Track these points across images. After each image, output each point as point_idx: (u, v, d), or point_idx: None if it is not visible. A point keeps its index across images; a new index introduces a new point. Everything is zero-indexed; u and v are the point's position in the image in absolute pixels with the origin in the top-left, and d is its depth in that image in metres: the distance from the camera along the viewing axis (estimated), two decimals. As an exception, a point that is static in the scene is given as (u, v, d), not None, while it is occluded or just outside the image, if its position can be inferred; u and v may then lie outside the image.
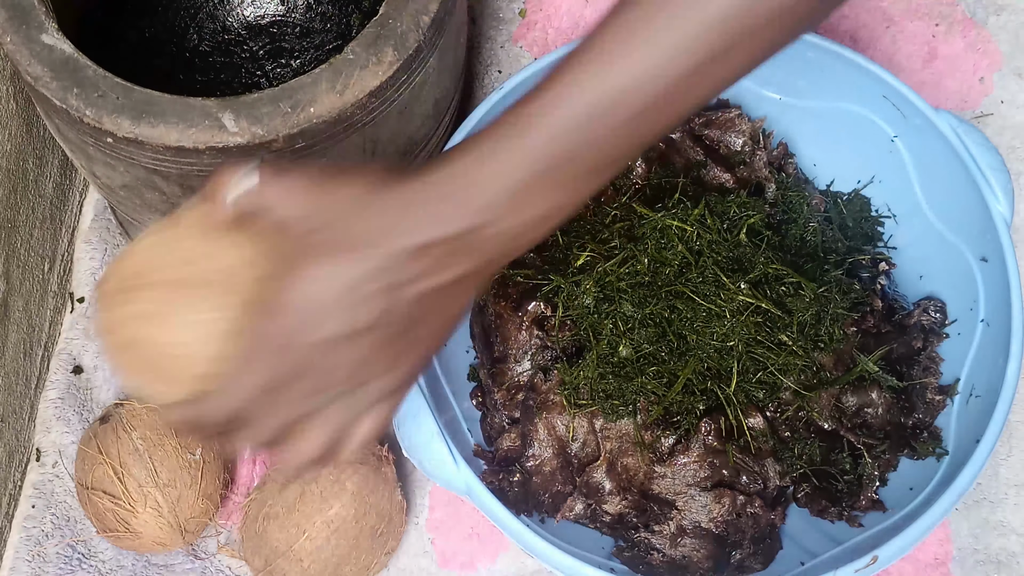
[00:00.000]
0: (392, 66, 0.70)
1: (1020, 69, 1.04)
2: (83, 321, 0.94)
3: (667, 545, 0.77)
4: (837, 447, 0.79)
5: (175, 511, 0.82)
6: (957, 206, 0.82)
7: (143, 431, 0.82)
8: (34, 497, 0.89)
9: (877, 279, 0.85)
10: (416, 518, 0.89)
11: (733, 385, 0.76)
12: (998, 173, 0.80)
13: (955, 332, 0.83)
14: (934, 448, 0.79)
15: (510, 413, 0.82)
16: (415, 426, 0.74)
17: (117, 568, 0.87)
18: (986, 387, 0.77)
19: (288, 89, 0.68)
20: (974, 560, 0.88)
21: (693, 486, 0.77)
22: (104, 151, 0.70)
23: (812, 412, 0.78)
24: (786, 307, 0.77)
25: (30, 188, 0.89)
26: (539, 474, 0.79)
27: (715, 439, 0.76)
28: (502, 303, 0.82)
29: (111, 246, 0.97)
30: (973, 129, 0.82)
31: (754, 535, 0.78)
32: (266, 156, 0.69)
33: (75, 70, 0.69)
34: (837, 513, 0.79)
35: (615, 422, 0.77)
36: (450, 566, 0.88)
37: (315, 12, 0.96)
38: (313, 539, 0.79)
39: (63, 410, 0.91)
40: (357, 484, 0.80)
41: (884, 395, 0.80)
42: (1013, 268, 0.77)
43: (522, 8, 1.08)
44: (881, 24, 1.07)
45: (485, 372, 0.84)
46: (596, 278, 0.79)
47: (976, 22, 1.06)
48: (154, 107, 0.68)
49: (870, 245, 0.89)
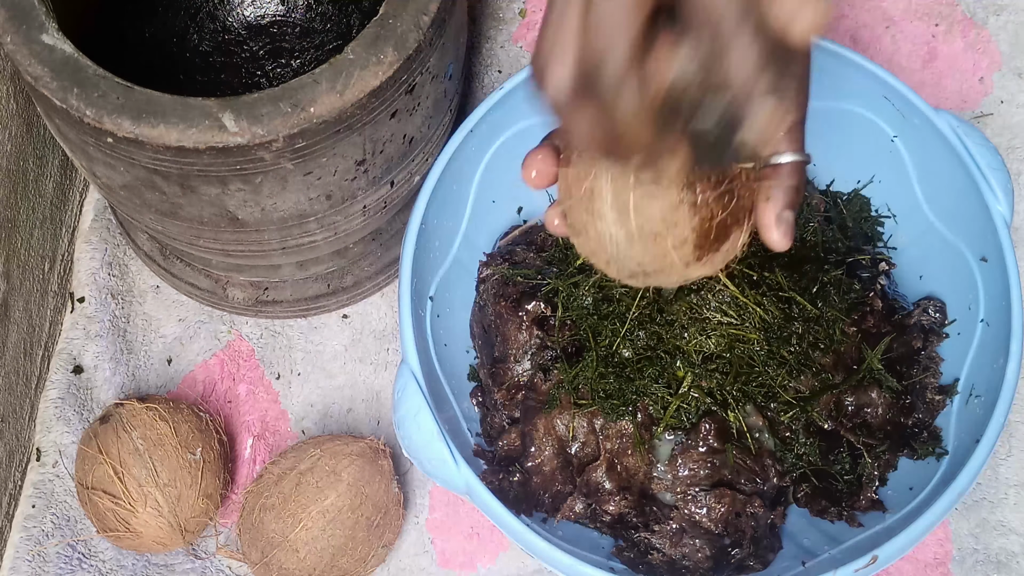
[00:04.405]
0: (392, 66, 0.70)
1: (1020, 69, 1.04)
2: (83, 321, 0.95)
3: (667, 545, 0.77)
4: (837, 447, 0.79)
5: (175, 511, 0.82)
6: (957, 206, 0.83)
7: (143, 431, 0.82)
8: (34, 497, 0.89)
9: (877, 279, 0.85)
10: (416, 517, 0.89)
11: (731, 392, 0.76)
12: (998, 173, 0.80)
13: (955, 332, 0.83)
14: (934, 448, 0.79)
15: (510, 413, 0.82)
16: (415, 426, 0.74)
17: (117, 568, 0.87)
18: (986, 387, 0.77)
19: (288, 89, 0.68)
20: (974, 560, 0.88)
21: (693, 486, 0.77)
22: (104, 151, 0.70)
23: (812, 412, 0.78)
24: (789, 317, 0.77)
25: (30, 188, 0.89)
26: (539, 474, 0.79)
27: (715, 439, 0.76)
28: (502, 303, 0.83)
29: (111, 246, 0.97)
30: (973, 129, 0.82)
31: (754, 535, 0.78)
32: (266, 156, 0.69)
33: (75, 70, 0.69)
34: (837, 513, 0.79)
35: (615, 422, 0.77)
36: (450, 566, 0.88)
37: (315, 12, 0.96)
38: (309, 529, 0.79)
39: (63, 410, 0.91)
40: (353, 475, 0.81)
41: (884, 395, 0.80)
42: (1013, 268, 0.77)
43: (522, 8, 1.08)
44: (881, 24, 1.07)
45: (485, 372, 0.84)
46: (595, 279, 0.79)
47: (976, 22, 1.06)
48: (154, 107, 0.68)
49: (870, 245, 0.89)
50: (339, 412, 0.93)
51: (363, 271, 0.94)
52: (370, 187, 0.77)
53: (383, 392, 0.94)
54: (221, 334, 0.96)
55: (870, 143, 0.87)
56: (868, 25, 1.07)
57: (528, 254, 0.86)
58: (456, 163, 0.82)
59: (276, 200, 0.73)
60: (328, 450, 0.82)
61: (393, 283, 0.97)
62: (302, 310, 0.95)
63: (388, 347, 0.95)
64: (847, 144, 0.89)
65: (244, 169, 0.70)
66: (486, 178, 0.86)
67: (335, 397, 0.94)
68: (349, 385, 0.94)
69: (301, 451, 0.83)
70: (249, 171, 0.70)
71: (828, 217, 0.89)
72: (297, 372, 0.95)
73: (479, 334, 0.86)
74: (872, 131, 0.87)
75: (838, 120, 0.88)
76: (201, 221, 0.75)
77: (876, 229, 0.90)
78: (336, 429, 0.93)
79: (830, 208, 0.90)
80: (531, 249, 0.86)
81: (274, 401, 0.94)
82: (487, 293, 0.85)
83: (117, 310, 0.96)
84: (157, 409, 0.83)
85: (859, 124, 0.87)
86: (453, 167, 0.82)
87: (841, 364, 0.80)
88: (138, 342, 0.95)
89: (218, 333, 0.96)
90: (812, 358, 0.78)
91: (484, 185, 0.86)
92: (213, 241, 0.78)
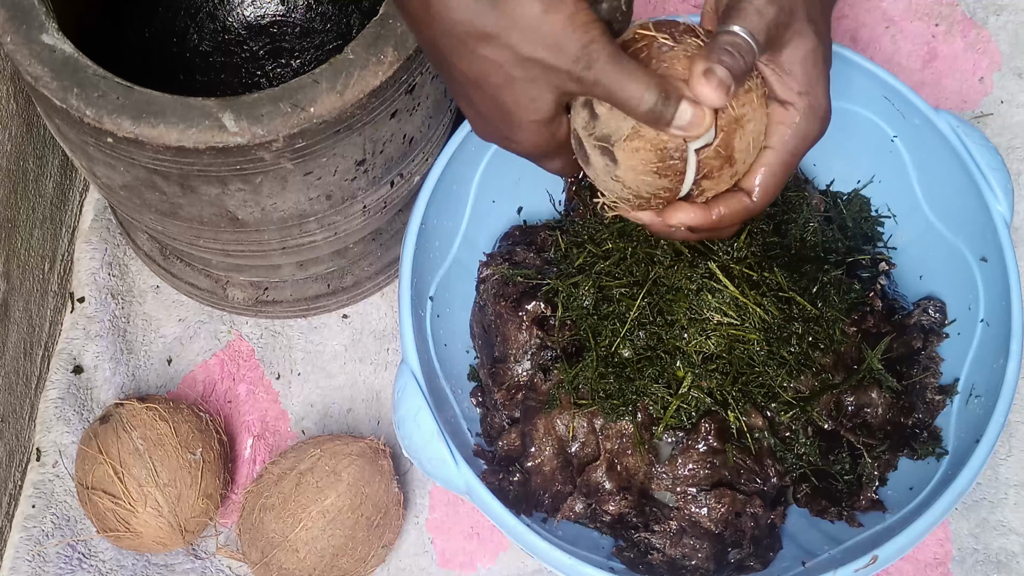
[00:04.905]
0: (392, 66, 0.70)
1: (1020, 69, 1.04)
2: (83, 320, 0.95)
3: (667, 545, 0.77)
4: (837, 447, 0.79)
5: (175, 511, 0.82)
6: (957, 206, 0.83)
7: (143, 431, 0.82)
8: (34, 497, 0.89)
9: (877, 279, 0.85)
10: (416, 517, 0.89)
11: (731, 392, 0.76)
12: (998, 173, 0.80)
13: (955, 332, 0.83)
14: (934, 448, 0.79)
15: (510, 413, 0.82)
16: (415, 426, 0.74)
17: (117, 568, 0.87)
18: (986, 387, 0.77)
19: (288, 89, 0.68)
20: (974, 560, 0.88)
21: (693, 486, 0.77)
22: (104, 151, 0.70)
23: (812, 412, 0.78)
24: (789, 317, 0.77)
25: (30, 188, 0.89)
26: (539, 474, 0.79)
27: (715, 439, 0.76)
28: (502, 303, 0.83)
29: (111, 246, 0.97)
30: (973, 129, 0.82)
31: (754, 535, 0.78)
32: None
33: (75, 70, 0.69)
34: (837, 513, 0.79)
35: (615, 422, 0.77)
36: (450, 566, 0.88)
37: (315, 12, 0.96)
38: (309, 529, 0.79)
39: (63, 410, 0.91)
40: (353, 475, 0.81)
41: (884, 395, 0.80)
42: (1013, 268, 0.77)
43: (522, 8, 1.08)
44: (881, 24, 1.07)
45: (485, 372, 0.84)
46: (594, 279, 0.79)
47: (976, 22, 1.06)
48: (154, 107, 0.68)
49: (870, 245, 0.89)
50: (339, 412, 0.93)
51: (363, 271, 0.94)
52: (370, 187, 0.77)
53: (383, 392, 0.94)
54: (221, 334, 0.96)
55: (870, 143, 0.87)
56: (868, 25, 1.07)
57: (528, 254, 0.86)
58: (456, 163, 0.82)
59: (276, 200, 0.73)
60: (328, 450, 0.82)
61: (393, 283, 0.97)
62: (302, 310, 0.95)
63: (388, 347, 0.95)
64: (847, 144, 0.89)
65: (244, 169, 0.70)
66: (486, 178, 0.86)
67: (335, 397, 0.94)
68: (349, 385, 0.94)
69: (301, 451, 0.83)
70: (249, 171, 0.70)
71: (828, 217, 0.89)
72: (297, 372, 0.95)
73: (479, 334, 0.86)
74: (872, 131, 0.87)
75: (838, 120, 0.88)
76: (201, 221, 0.75)
77: (876, 229, 0.90)
78: (336, 429, 0.93)
79: (830, 208, 0.90)
80: (531, 249, 0.86)
81: (274, 401, 0.94)
82: (487, 293, 0.85)
83: (117, 310, 0.96)
84: (157, 409, 0.83)
85: (859, 124, 0.87)
86: (453, 167, 0.82)
87: (841, 364, 0.80)
88: (138, 342, 0.95)
89: (218, 333, 0.96)
90: (812, 358, 0.78)
91: (484, 185, 0.86)
92: (213, 241, 0.78)
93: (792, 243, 0.83)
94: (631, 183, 0.59)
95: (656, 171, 0.58)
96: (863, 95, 0.85)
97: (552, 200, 0.92)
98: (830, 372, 0.79)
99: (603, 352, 0.78)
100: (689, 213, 0.61)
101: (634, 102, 0.55)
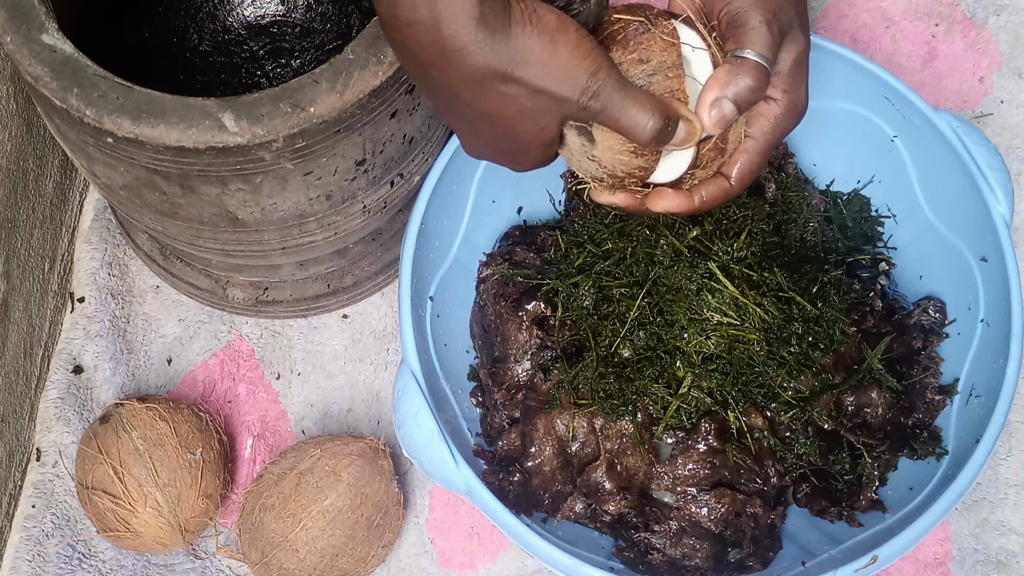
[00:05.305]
0: (392, 66, 0.70)
1: (1020, 69, 1.04)
2: (83, 321, 0.95)
3: (667, 545, 0.77)
4: (837, 447, 0.79)
5: (175, 511, 0.82)
6: (957, 206, 0.83)
7: (143, 431, 0.82)
8: (34, 497, 0.89)
9: (877, 279, 0.85)
10: (416, 517, 0.89)
11: (731, 392, 0.76)
12: (998, 173, 0.80)
13: (955, 332, 0.83)
14: (934, 448, 0.79)
15: (510, 413, 0.82)
16: (415, 426, 0.74)
17: (117, 568, 0.87)
18: (986, 387, 0.77)
19: (288, 89, 0.68)
20: (974, 560, 0.88)
21: (693, 486, 0.77)
22: (104, 151, 0.70)
23: (812, 412, 0.78)
24: (789, 317, 0.77)
25: (30, 188, 0.89)
26: (539, 474, 0.79)
27: (715, 439, 0.76)
28: (502, 303, 0.83)
29: (111, 246, 0.97)
30: (973, 129, 0.82)
31: (754, 535, 0.78)
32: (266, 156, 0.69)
33: (75, 70, 0.69)
34: (837, 513, 0.79)
35: (615, 422, 0.77)
36: (450, 566, 0.88)
37: (315, 12, 0.96)
38: (309, 529, 0.79)
39: (63, 410, 0.91)
40: (353, 475, 0.81)
41: (884, 395, 0.80)
42: (1013, 268, 0.77)
43: (522, 8, 1.08)
44: (881, 24, 1.07)
45: (485, 372, 0.84)
46: (594, 279, 0.79)
47: (976, 22, 1.06)
48: (154, 107, 0.68)
49: (870, 245, 0.89)
50: (339, 412, 0.93)
51: (363, 271, 0.94)
52: (370, 187, 0.77)
53: (383, 392, 0.94)
54: (221, 334, 0.96)
55: (870, 143, 0.87)
56: (868, 25, 1.07)
57: (528, 254, 0.86)
58: (456, 163, 0.82)
59: (276, 200, 0.73)
60: (328, 450, 0.82)
61: (393, 283, 0.97)
62: (302, 310, 0.95)
63: (388, 347, 0.95)
64: (847, 144, 0.89)
65: (244, 169, 0.70)
66: (486, 178, 0.86)
67: (335, 397, 0.94)
68: (349, 385, 0.94)
69: (301, 451, 0.83)
70: (249, 171, 0.70)
71: (828, 217, 0.89)
72: (297, 372, 0.95)
73: (479, 334, 0.86)
74: (872, 131, 0.87)
75: (838, 120, 0.88)
76: (201, 221, 0.75)
77: (876, 229, 0.90)
78: (336, 429, 0.93)
79: (830, 208, 0.90)
80: (531, 249, 0.86)
81: (274, 401, 0.94)
82: (487, 293, 0.85)
83: (117, 310, 0.96)
84: (157, 409, 0.83)
85: (859, 124, 0.87)
86: (453, 167, 0.82)
87: (841, 364, 0.80)
88: (138, 342, 0.95)
89: (218, 333, 0.96)
90: (812, 358, 0.78)
91: (484, 185, 0.86)
92: (213, 241, 0.78)
93: (792, 243, 0.83)
94: (607, 162, 0.60)
95: (633, 150, 0.59)
96: (863, 95, 0.85)
97: (552, 200, 0.92)
98: (830, 372, 0.79)
99: (603, 352, 0.78)
100: (674, 200, 0.63)
101: (639, 130, 0.57)
